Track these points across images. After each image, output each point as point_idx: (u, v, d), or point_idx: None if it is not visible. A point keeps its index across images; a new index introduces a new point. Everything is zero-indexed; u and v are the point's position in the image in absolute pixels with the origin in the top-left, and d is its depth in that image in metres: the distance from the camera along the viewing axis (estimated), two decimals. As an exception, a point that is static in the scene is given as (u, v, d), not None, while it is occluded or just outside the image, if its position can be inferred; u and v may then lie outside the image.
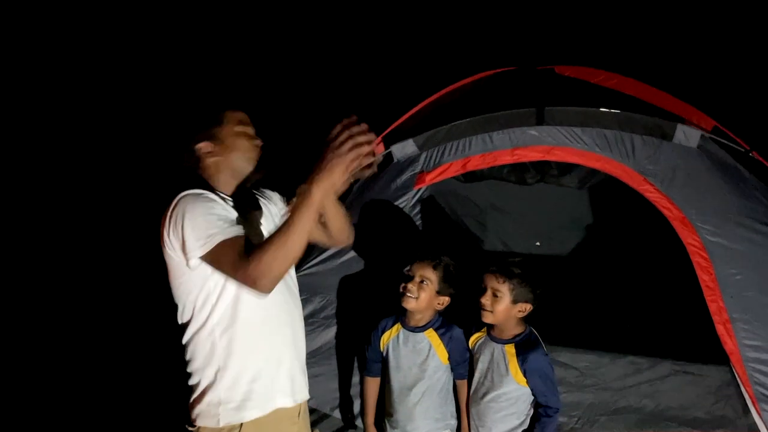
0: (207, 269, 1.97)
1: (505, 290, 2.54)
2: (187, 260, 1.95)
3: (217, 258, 1.92)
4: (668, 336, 3.08)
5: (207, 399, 2.04)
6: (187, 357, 2.10)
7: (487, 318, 2.59)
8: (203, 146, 2.12)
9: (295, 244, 1.85)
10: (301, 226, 1.84)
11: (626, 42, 6.44)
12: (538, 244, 4.19)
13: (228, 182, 2.15)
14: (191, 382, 2.09)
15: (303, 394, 2.19)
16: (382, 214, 3.25)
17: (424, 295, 2.64)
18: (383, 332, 2.78)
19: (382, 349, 2.78)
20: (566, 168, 3.63)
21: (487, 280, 2.58)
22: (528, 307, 2.58)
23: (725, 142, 3.18)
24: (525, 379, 2.54)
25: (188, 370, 2.10)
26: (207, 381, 2.04)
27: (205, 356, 2.04)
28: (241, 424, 2.02)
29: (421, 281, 2.64)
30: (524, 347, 2.57)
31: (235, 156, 2.13)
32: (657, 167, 3.06)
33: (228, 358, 2.03)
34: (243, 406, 2.03)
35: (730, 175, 3.09)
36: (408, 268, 2.69)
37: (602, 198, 4.11)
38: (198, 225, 1.93)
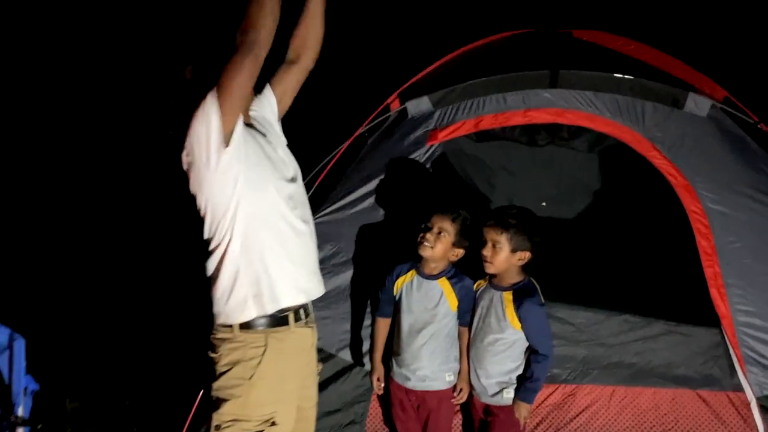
0: (227, 175, 2.10)
1: (503, 240, 2.67)
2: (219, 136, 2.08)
3: (225, 80, 2.06)
4: (663, 297, 3.19)
5: (234, 296, 2.18)
6: (211, 267, 2.22)
7: (489, 269, 2.73)
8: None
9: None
10: None
11: (646, 9, 6.38)
12: (543, 204, 4.27)
13: None
14: (215, 287, 2.22)
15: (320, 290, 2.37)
16: (395, 167, 3.34)
17: (440, 245, 2.78)
18: (398, 277, 2.94)
19: (395, 293, 2.95)
20: (577, 131, 3.68)
21: (486, 233, 2.71)
22: (527, 255, 2.70)
23: (735, 112, 3.23)
24: (520, 324, 2.68)
25: (211, 275, 2.23)
26: (230, 280, 2.18)
27: (230, 261, 2.17)
28: (271, 321, 2.20)
29: (439, 232, 2.78)
30: (521, 294, 2.72)
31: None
32: (666, 134, 3.13)
33: (251, 261, 2.17)
34: (273, 297, 2.19)
35: (737, 146, 3.16)
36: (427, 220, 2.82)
37: (610, 163, 4.18)
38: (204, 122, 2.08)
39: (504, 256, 2.69)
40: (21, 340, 2.32)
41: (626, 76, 3.18)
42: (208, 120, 2.07)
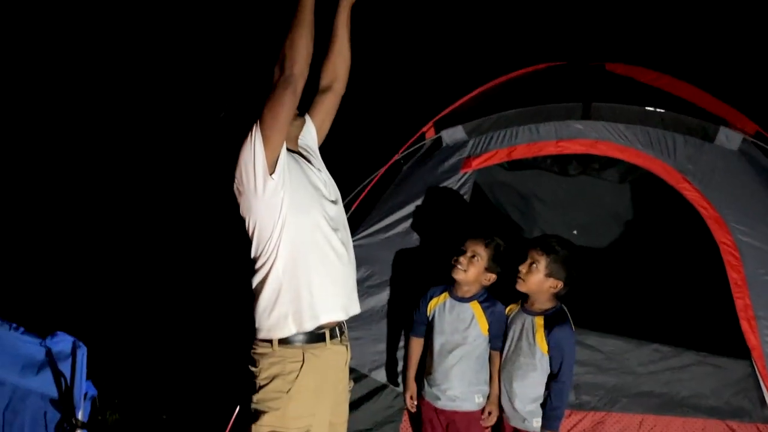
0: (273, 200, 2.25)
1: (542, 262, 2.78)
2: (263, 167, 2.23)
3: (267, 113, 2.22)
4: (693, 328, 3.21)
5: (276, 313, 2.31)
6: (255, 284, 2.36)
7: (520, 285, 2.83)
8: None
9: (299, 29, 2.16)
10: (299, 17, 2.17)
11: (678, 43, 6.43)
12: (575, 233, 4.32)
13: None
14: (258, 303, 2.35)
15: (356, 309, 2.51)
16: (429, 193, 3.44)
17: (473, 269, 2.89)
18: (431, 298, 3.05)
19: (428, 314, 3.05)
20: (608, 162, 3.74)
21: (529, 252, 2.83)
22: (560, 285, 2.79)
23: (766, 147, 3.26)
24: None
25: (254, 291, 2.36)
26: (272, 297, 2.31)
27: (274, 279, 2.30)
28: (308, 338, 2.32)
29: (473, 256, 2.89)
30: (552, 320, 2.80)
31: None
32: (697, 167, 3.18)
33: (294, 279, 2.30)
34: (312, 315, 2.32)
35: (768, 180, 3.19)
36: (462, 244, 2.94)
37: (642, 194, 4.22)
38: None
39: (538, 277, 2.79)
40: (83, 348, 2.49)
41: (657, 110, 3.25)
42: (253, 151, 2.24)
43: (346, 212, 3.51)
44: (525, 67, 4.21)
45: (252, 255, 2.37)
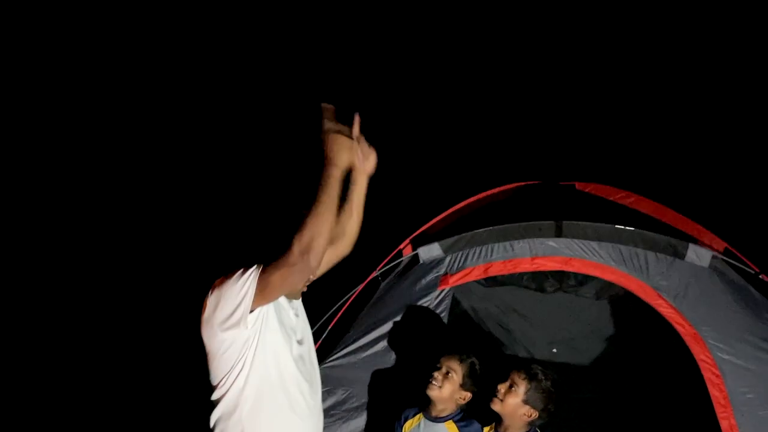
0: (240, 349, 2.13)
1: (522, 387, 2.69)
2: (243, 317, 2.10)
3: (269, 276, 2.08)
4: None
5: None
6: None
7: (495, 404, 2.73)
8: None
9: (326, 215, 2.06)
10: (326, 203, 2.07)
11: (645, 163, 6.74)
12: (554, 350, 4.28)
13: None
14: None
15: None
16: (407, 310, 3.42)
17: (448, 385, 2.81)
18: (405, 420, 2.93)
19: None
20: (584, 279, 3.79)
21: (511, 373, 2.76)
22: (534, 414, 2.71)
23: (736, 263, 3.33)
24: None
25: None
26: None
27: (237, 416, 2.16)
28: None
29: (447, 372, 2.82)
30: None
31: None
32: (670, 283, 3.22)
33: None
34: None
35: (740, 296, 3.23)
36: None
37: (621, 310, 4.23)
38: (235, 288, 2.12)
39: (515, 401, 2.70)
40: None
41: (627, 228, 3.33)
42: (243, 294, 2.12)
43: (324, 331, 3.49)
44: (498, 186, 4.34)
45: (213, 382, 2.24)
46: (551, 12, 8.22)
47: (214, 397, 2.22)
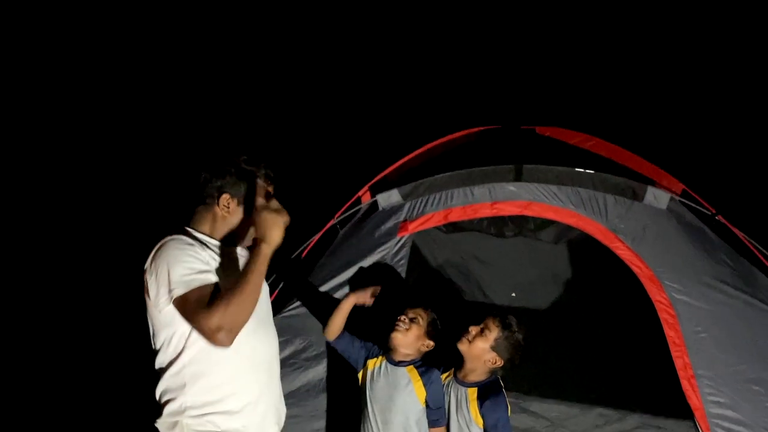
0: (177, 313, 2.06)
1: (494, 333, 2.70)
2: (156, 308, 2.07)
3: (180, 309, 2.03)
4: (637, 390, 3.18)
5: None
6: (158, 389, 2.17)
7: (463, 344, 2.73)
8: (225, 200, 2.22)
9: (248, 301, 1.99)
10: (254, 282, 2.00)
11: (606, 106, 6.75)
12: (513, 295, 4.31)
13: (222, 234, 2.25)
14: (163, 409, 2.15)
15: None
16: (367, 258, 3.35)
17: (414, 328, 2.82)
18: (369, 357, 2.92)
19: (363, 375, 2.91)
20: (543, 223, 3.78)
21: (486, 318, 2.75)
22: (499, 363, 2.71)
23: (693, 205, 3.35)
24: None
25: (158, 398, 2.17)
26: (175, 411, 2.12)
27: (175, 390, 2.12)
28: None
29: (413, 319, 2.83)
30: (485, 392, 2.70)
31: (243, 230, 2.26)
32: (628, 226, 3.21)
33: (196, 395, 2.11)
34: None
35: (697, 237, 3.25)
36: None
37: (579, 254, 4.26)
38: (167, 279, 2.04)
39: (483, 345, 2.70)
40: None
41: (587, 171, 3.30)
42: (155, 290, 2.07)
43: (282, 279, 3.40)
44: (458, 131, 4.26)
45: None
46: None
47: (157, 349, 2.16)
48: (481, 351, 2.70)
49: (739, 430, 2.89)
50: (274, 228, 2.06)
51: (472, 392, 2.71)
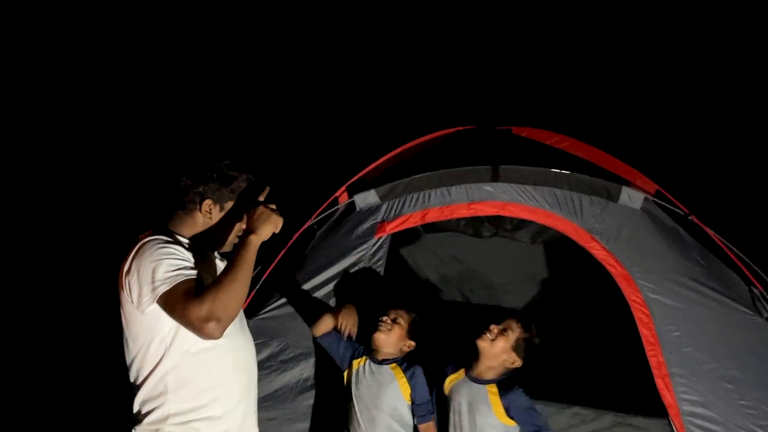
0: (160, 314, 2.02)
1: (514, 334, 2.76)
2: (140, 308, 2.02)
3: (166, 305, 1.99)
4: (612, 388, 3.21)
5: None
6: (137, 399, 2.12)
7: (484, 341, 2.77)
8: (207, 206, 2.20)
9: (239, 289, 1.97)
10: (243, 272, 1.99)
11: (581, 106, 6.81)
12: (490, 294, 4.33)
13: (201, 239, 2.23)
14: (142, 418, 2.10)
15: None
16: (344, 259, 3.34)
17: (397, 329, 2.89)
18: (354, 357, 2.95)
19: (349, 375, 2.94)
20: (520, 223, 3.79)
21: (507, 319, 2.81)
22: (517, 363, 2.78)
23: (667, 205, 3.39)
24: (508, 417, 2.69)
25: (137, 408, 2.12)
26: (157, 419, 2.08)
27: (157, 398, 2.08)
28: None
29: (395, 319, 2.89)
30: (506, 387, 2.75)
31: (224, 235, 2.24)
32: (603, 226, 3.24)
33: (179, 402, 2.07)
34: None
35: (670, 237, 3.29)
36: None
37: (556, 254, 4.29)
38: (151, 277, 2.00)
39: (504, 345, 2.75)
40: None
41: (563, 171, 3.32)
42: (137, 289, 2.03)
43: (257, 282, 3.37)
44: (435, 131, 4.26)
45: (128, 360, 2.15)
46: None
47: (132, 361, 2.12)
48: (501, 350, 2.76)
49: (712, 428, 2.93)
50: (268, 223, 2.09)
51: (492, 387, 2.75)
